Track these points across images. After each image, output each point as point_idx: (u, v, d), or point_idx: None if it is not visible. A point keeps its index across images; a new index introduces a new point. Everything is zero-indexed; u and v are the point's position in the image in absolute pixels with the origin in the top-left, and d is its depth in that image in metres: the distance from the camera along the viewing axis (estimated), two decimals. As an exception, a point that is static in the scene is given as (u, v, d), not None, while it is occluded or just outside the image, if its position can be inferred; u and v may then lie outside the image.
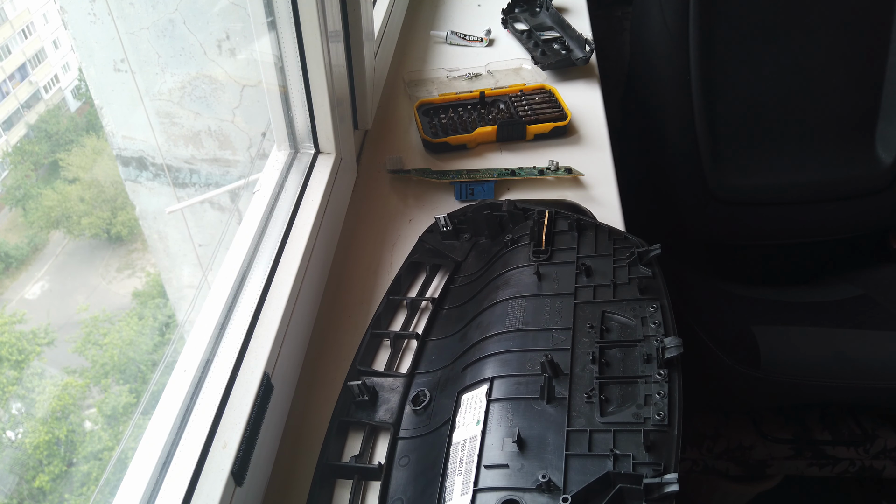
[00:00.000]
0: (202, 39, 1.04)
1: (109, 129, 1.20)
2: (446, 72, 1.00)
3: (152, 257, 1.46)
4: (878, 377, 0.93)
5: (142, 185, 1.27)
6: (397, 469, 0.51)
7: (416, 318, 0.65)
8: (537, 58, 0.99)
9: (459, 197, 0.79)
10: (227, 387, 0.49)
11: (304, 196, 0.67)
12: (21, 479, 1.20)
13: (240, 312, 0.55)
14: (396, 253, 0.72)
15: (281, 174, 0.69)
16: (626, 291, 0.54)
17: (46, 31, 1.19)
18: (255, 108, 1.10)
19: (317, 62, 0.64)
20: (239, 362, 0.51)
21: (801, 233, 1.14)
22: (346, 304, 0.68)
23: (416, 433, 0.53)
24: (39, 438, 1.26)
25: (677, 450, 0.42)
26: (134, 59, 1.08)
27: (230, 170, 1.20)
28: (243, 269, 0.59)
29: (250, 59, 1.09)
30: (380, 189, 0.81)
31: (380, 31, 0.95)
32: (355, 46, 0.75)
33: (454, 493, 0.45)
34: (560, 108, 0.89)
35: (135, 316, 1.59)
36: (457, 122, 0.87)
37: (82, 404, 1.41)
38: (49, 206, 1.46)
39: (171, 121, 1.15)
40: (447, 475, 0.46)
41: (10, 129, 1.24)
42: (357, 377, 0.57)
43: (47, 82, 1.26)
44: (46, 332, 1.43)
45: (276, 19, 0.63)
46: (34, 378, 1.39)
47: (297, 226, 0.64)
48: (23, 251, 1.49)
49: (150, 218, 1.35)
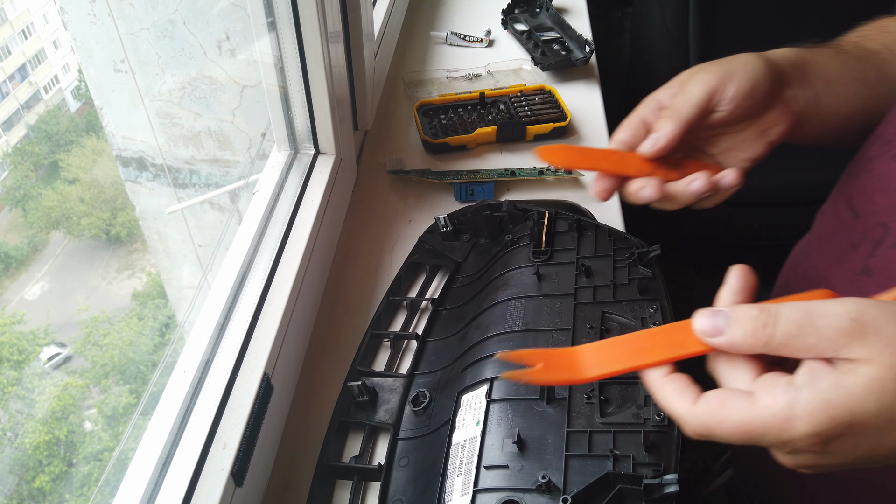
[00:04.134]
0: (202, 40, 1.04)
1: (109, 130, 1.20)
2: (446, 72, 1.00)
3: (152, 258, 1.46)
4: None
5: (142, 186, 1.27)
6: (397, 469, 0.51)
7: (416, 318, 0.65)
8: (537, 58, 0.99)
9: (459, 197, 0.79)
10: (227, 387, 0.49)
11: (303, 196, 0.67)
12: (21, 480, 1.20)
13: (240, 313, 0.55)
14: (396, 253, 0.72)
15: (281, 175, 0.69)
16: (625, 292, 0.54)
17: (46, 32, 1.19)
18: (254, 109, 1.10)
19: (317, 63, 0.64)
20: (239, 363, 0.51)
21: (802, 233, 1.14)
22: (346, 304, 0.68)
23: (415, 434, 0.53)
24: (39, 439, 1.26)
25: (677, 451, 0.42)
26: (134, 60, 1.08)
27: (230, 170, 1.20)
28: (243, 269, 0.59)
29: (250, 60, 1.09)
30: (380, 189, 0.81)
31: (380, 32, 0.95)
32: (355, 47, 0.75)
33: (454, 493, 0.45)
34: (560, 108, 0.89)
35: (135, 316, 1.59)
36: (457, 122, 0.87)
37: (82, 405, 1.41)
38: (49, 206, 1.46)
39: (171, 121, 1.15)
40: (447, 476, 0.46)
41: (10, 130, 1.24)
42: (357, 378, 0.57)
43: (47, 83, 1.26)
44: (46, 333, 1.44)
45: (275, 20, 0.63)
46: (34, 378, 1.39)
47: (297, 226, 0.64)
48: (23, 252, 1.49)
49: (149, 218, 1.35)
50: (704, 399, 0.34)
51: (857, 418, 0.30)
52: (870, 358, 0.30)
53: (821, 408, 0.30)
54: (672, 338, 0.36)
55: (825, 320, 0.31)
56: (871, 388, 0.30)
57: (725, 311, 0.34)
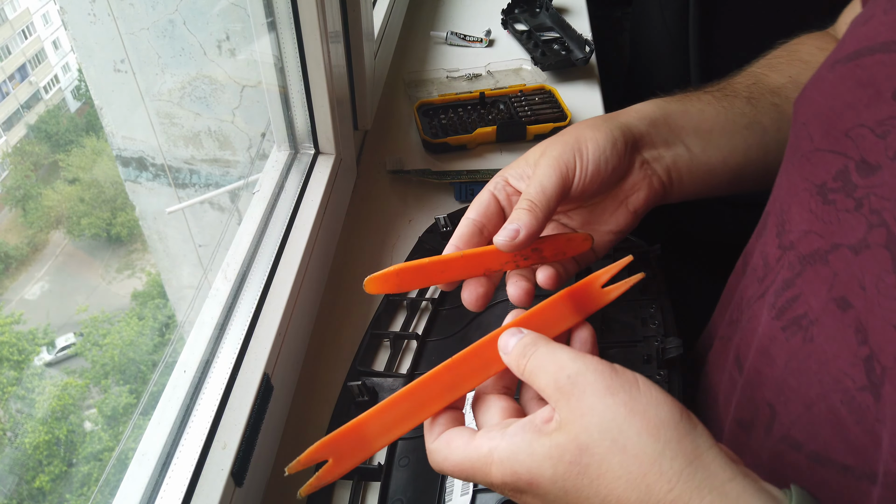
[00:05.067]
0: (202, 40, 1.04)
1: (109, 130, 1.20)
2: (446, 72, 1.00)
3: (152, 258, 1.47)
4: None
5: (142, 186, 1.27)
6: (397, 469, 0.51)
7: (416, 318, 0.65)
8: (537, 58, 0.99)
9: (459, 197, 0.79)
10: (227, 387, 0.49)
11: (303, 196, 0.67)
12: (21, 480, 1.20)
13: (240, 313, 0.55)
14: (396, 253, 0.72)
15: (281, 174, 0.69)
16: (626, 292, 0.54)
17: (46, 32, 1.19)
18: (254, 109, 1.10)
19: (316, 63, 0.64)
20: (239, 363, 0.51)
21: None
22: (346, 304, 0.68)
23: (415, 433, 0.53)
24: (39, 439, 1.26)
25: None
26: (134, 60, 1.08)
27: (230, 170, 1.20)
28: (243, 269, 0.59)
29: (250, 60, 1.09)
30: (380, 189, 0.81)
31: (380, 32, 0.95)
32: (355, 47, 0.75)
33: (454, 493, 0.45)
34: (560, 108, 0.89)
35: (135, 316, 1.59)
36: (457, 122, 0.87)
37: (82, 405, 1.41)
38: (49, 206, 1.46)
39: (171, 121, 1.15)
40: (447, 475, 0.46)
41: (10, 130, 1.24)
42: (357, 378, 0.57)
43: (47, 83, 1.25)
44: (46, 333, 1.44)
45: (275, 20, 0.63)
46: (34, 378, 1.39)
47: (297, 226, 0.64)
48: (23, 251, 1.49)
49: (149, 218, 1.35)
50: (441, 436, 0.35)
51: (536, 480, 0.30)
52: (564, 423, 0.30)
53: (509, 459, 0.31)
54: (446, 381, 0.36)
55: (553, 368, 0.32)
56: (551, 454, 0.30)
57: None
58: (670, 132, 0.48)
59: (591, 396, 0.30)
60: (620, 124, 0.46)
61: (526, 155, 0.46)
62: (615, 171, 0.45)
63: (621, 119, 0.47)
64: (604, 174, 0.44)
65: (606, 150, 0.44)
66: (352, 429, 0.35)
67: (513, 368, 0.34)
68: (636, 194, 0.47)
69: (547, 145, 0.45)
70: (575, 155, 0.43)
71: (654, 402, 0.30)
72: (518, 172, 0.46)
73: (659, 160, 0.47)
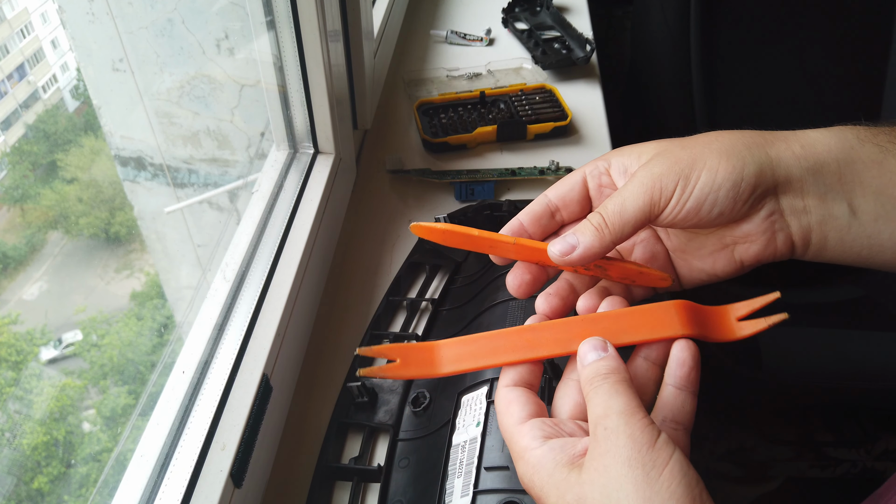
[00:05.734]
0: (201, 39, 1.04)
1: (108, 129, 1.19)
2: (446, 71, 0.99)
3: (151, 258, 1.46)
4: (880, 378, 0.93)
5: (140, 185, 1.27)
6: (397, 471, 0.51)
7: (415, 318, 0.64)
8: (538, 57, 0.99)
9: (459, 197, 0.78)
10: (226, 388, 0.49)
11: (303, 196, 0.67)
12: (19, 481, 1.20)
13: (239, 313, 0.55)
14: (396, 253, 0.72)
15: (280, 174, 0.69)
16: (627, 292, 0.54)
17: (45, 31, 1.19)
18: (253, 108, 1.09)
19: (316, 62, 0.64)
20: (238, 363, 0.51)
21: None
22: (346, 304, 0.67)
23: (415, 435, 0.52)
24: (38, 439, 1.25)
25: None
26: (133, 59, 1.07)
27: (229, 170, 1.19)
28: (242, 269, 0.59)
29: (249, 59, 1.08)
30: (379, 189, 0.81)
31: (379, 31, 0.95)
32: (355, 46, 0.75)
33: (454, 494, 0.44)
34: (560, 107, 0.88)
35: (133, 317, 1.59)
36: (457, 121, 0.87)
37: (81, 405, 1.41)
38: (47, 206, 1.46)
39: (170, 120, 1.15)
40: (447, 477, 0.46)
41: (9, 129, 1.24)
42: (356, 378, 0.57)
43: (45, 82, 1.25)
44: (44, 333, 1.43)
45: (275, 19, 0.62)
46: (32, 379, 1.39)
47: (296, 226, 0.64)
48: (21, 251, 1.48)
49: (148, 218, 1.34)
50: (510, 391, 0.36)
51: (542, 500, 0.32)
52: (585, 467, 0.31)
53: (533, 468, 0.33)
54: (526, 339, 0.37)
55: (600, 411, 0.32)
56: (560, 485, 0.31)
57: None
58: (838, 184, 0.35)
59: (611, 458, 0.30)
60: (764, 160, 0.35)
61: (644, 146, 0.39)
62: (721, 216, 0.35)
63: (773, 151, 0.35)
64: (704, 217, 0.35)
65: (720, 191, 0.34)
66: (427, 346, 0.38)
67: (581, 384, 0.35)
68: (748, 245, 0.37)
69: (660, 151, 0.37)
70: (679, 180, 0.35)
71: (667, 493, 0.29)
72: (624, 164, 0.39)
73: (799, 215, 0.36)
